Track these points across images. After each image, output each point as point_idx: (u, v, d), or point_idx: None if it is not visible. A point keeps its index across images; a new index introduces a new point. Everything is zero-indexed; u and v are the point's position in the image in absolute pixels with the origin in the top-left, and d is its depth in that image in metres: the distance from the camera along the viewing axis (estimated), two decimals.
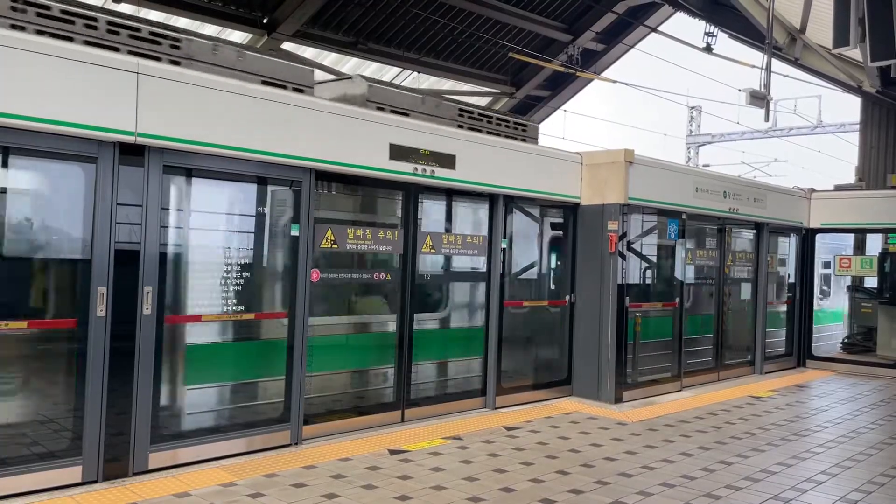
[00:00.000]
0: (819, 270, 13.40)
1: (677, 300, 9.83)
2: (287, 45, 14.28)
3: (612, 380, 8.67)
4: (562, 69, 17.04)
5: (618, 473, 5.92)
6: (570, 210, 9.06)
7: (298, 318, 6.30)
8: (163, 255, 5.47)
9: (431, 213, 7.71)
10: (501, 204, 8.10)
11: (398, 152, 6.95)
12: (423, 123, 7.31)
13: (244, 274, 6.02)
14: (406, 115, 7.20)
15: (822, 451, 6.88)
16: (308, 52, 15.00)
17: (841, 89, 15.66)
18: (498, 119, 8.31)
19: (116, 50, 5.33)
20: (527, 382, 8.65)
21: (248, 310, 6.09)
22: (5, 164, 4.86)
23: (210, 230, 5.95)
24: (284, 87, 6.25)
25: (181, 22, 13.30)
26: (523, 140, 8.35)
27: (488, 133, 8.02)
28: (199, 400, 6.00)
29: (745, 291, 11.60)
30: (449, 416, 7.57)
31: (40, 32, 5.02)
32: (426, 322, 7.96)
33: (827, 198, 12.56)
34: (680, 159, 28.26)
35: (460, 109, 7.91)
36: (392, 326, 7.30)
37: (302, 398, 6.33)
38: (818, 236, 12.69)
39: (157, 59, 5.50)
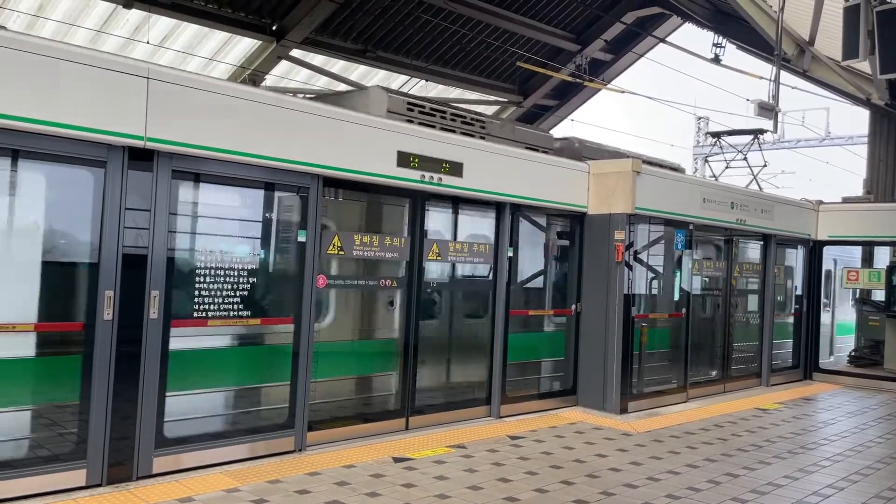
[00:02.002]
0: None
1: (683, 311, 9.79)
2: (296, 52, 14.34)
3: (617, 390, 8.63)
4: (570, 79, 17.07)
5: (623, 484, 5.89)
6: (577, 219, 9.04)
7: (304, 323, 6.30)
8: (170, 260, 5.48)
9: (438, 220, 7.71)
10: (508, 212, 8.10)
11: (406, 159, 6.95)
12: (431, 131, 7.32)
13: (251, 279, 6.03)
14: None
15: (828, 465, 6.84)
16: (317, 59, 15.05)
17: (849, 102, 15.64)
18: (453, 115, 7.86)
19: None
20: (532, 392, 8.62)
21: (254, 315, 6.09)
22: (15, 167, 4.88)
23: (217, 235, 5.96)
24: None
25: (191, 28, 13.38)
26: (482, 138, 8.02)
27: (442, 129, 7.55)
28: (203, 405, 5.99)
29: (752, 303, 11.56)
30: (453, 425, 7.55)
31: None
32: (432, 329, 7.94)
33: (835, 210, 12.52)
34: (687, 169, 28.20)
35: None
36: None
37: (307, 404, 6.32)
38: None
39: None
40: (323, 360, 6.68)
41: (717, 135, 14.26)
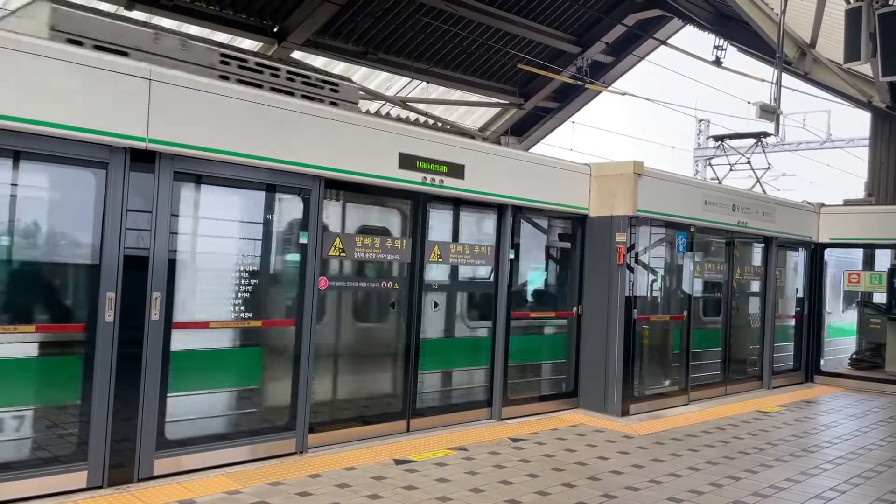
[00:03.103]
0: None
1: (685, 313, 9.79)
2: (297, 54, 14.34)
3: (618, 392, 8.62)
4: (571, 81, 17.06)
5: (624, 487, 5.87)
6: (579, 221, 9.04)
7: (305, 325, 6.29)
8: (171, 262, 5.48)
9: (439, 222, 7.70)
10: (509, 214, 8.09)
11: (407, 161, 6.95)
12: (433, 133, 7.32)
13: (252, 281, 6.02)
14: (126, 54, 5.41)
15: (830, 468, 6.82)
16: (318, 60, 15.06)
17: (851, 104, 15.63)
18: (290, 74, 6.50)
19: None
20: (533, 394, 8.61)
21: (255, 317, 6.09)
22: (17, 168, 4.88)
23: (219, 237, 5.96)
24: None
25: (193, 30, 13.39)
26: (332, 104, 6.60)
27: (273, 90, 6.23)
28: (204, 406, 5.98)
29: (753, 305, 11.55)
30: (454, 427, 7.54)
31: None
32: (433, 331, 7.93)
33: (836, 212, 12.51)
34: (688, 172, 28.23)
35: (224, 56, 6.09)
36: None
37: (308, 406, 6.31)
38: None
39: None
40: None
41: (720, 138, 13.82)
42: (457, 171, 7.40)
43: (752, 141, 13.37)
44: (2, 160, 4.78)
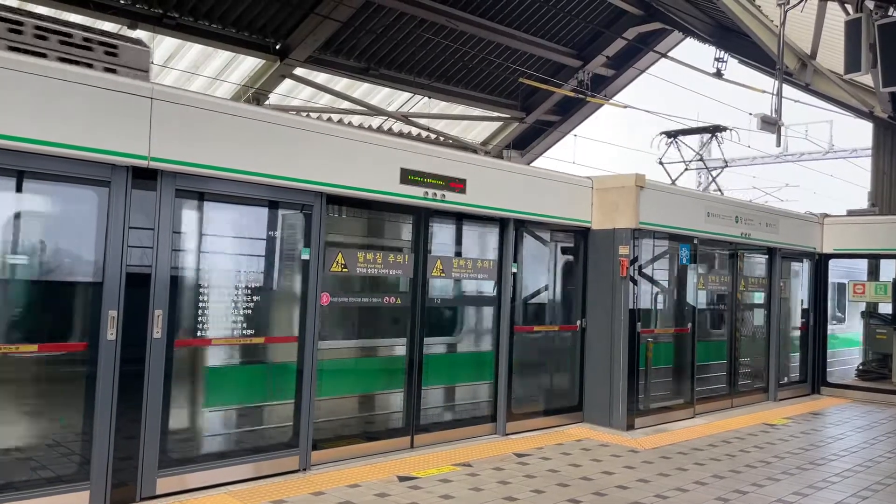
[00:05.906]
0: None
1: (689, 326, 9.75)
2: (299, 71, 14.42)
3: (623, 406, 8.57)
4: (572, 94, 17.11)
5: (630, 502, 5.82)
6: (581, 234, 9.03)
7: (308, 342, 6.28)
8: (174, 279, 5.48)
9: (441, 237, 7.70)
10: (512, 228, 8.09)
11: (409, 176, 6.96)
12: (434, 148, 7.34)
13: (254, 298, 6.02)
14: None
15: (838, 481, 6.76)
16: (320, 77, 15.14)
17: (853, 114, 15.65)
18: (42, 31, 5.21)
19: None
20: (538, 408, 8.57)
21: (258, 334, 6.07)
22: (19, 188, 4.89)
23: (221, 254, 5.96)
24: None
25: (196, 48, 13.48)
26: (112, 70, 5.40)
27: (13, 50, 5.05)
28: (207, 425, 5.96)
29: (758, 317, 11.50)
30: (459, 443, 7.50)
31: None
32: (436, 347, 7.91)
33: (840, 223, 12.48)
34: (690, 184, 28.21)
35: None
36: None
37: (311, 423, 6.29)
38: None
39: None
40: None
41: (672, 134, 11.99)
42: (458, 185, 7.40)
43: (706, 137, 12.37)
44: (4, 179, 4.79)
